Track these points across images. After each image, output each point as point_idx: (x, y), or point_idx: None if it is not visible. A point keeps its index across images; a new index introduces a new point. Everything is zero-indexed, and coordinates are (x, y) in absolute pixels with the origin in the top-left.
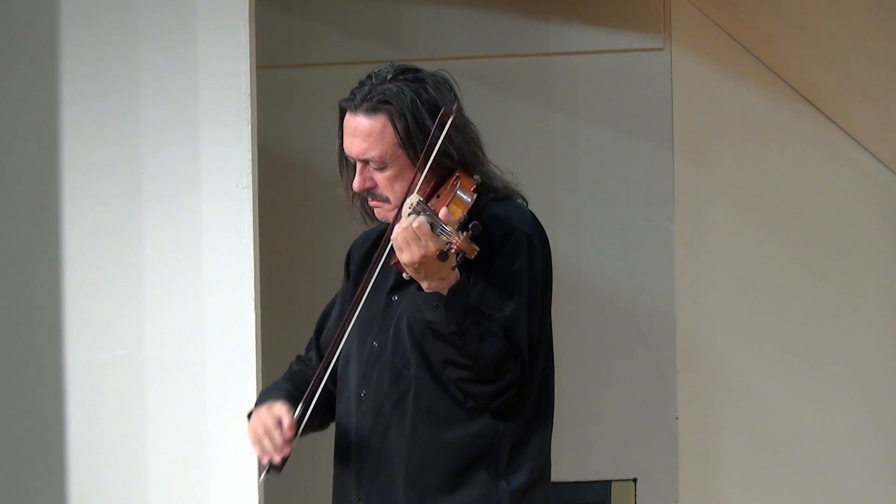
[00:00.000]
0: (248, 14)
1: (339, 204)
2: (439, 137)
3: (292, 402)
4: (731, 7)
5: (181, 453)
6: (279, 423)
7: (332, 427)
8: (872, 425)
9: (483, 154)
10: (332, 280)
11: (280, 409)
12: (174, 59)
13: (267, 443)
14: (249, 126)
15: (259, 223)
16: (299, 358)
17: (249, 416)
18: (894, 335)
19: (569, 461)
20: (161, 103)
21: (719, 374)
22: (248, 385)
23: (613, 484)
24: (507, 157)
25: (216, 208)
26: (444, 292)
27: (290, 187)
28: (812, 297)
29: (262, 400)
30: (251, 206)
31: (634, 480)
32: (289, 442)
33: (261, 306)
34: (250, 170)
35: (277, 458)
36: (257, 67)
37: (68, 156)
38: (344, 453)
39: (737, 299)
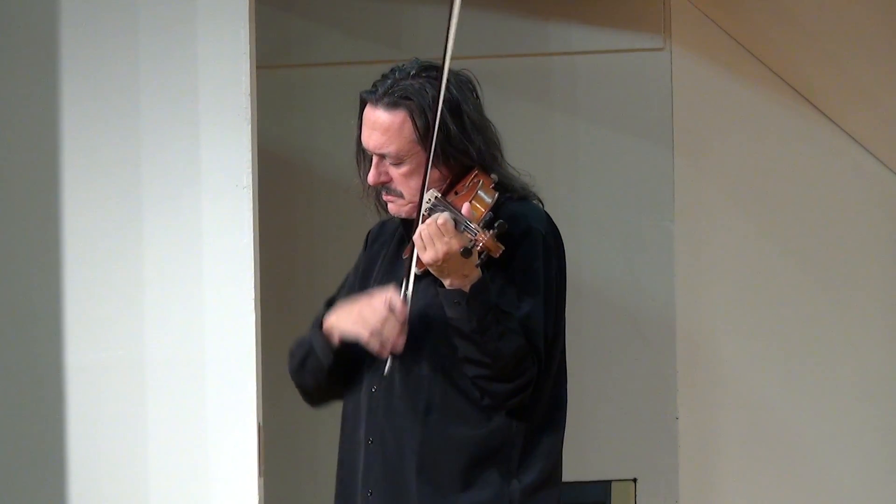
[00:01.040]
0: (248, 14)
1: (339, 204)
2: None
3: None
4: (731, 7)
5: (181, 453)
6: (391, 309)
7: (336, 433)
8: (872, 425)
9: (502, 156)
10: (333, 280)
11: (383, 294)
12: (174, 59)
13: (386, 335)
14: (249, 126)
15: (259, 223)
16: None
17: (319, 325)
18: (894, 335)
19: (569, 461)
20: (161, 103)
21: (719, 374)
22: (248, 385)
23: (613, 484)
24: (508, 157)
25: (216, 208)
26: (466, 289)
27: (290, 187)
28: (812, 297)
29: (317, 328)
30: (251, 206)
31: (634, 480)
32: (405, 324)
33: (261, 306)
34: (250, 170)
35: (400, 347)
36: (257, 67)
37: (68, 156)
38: (352, 449)
39: (737, 299)
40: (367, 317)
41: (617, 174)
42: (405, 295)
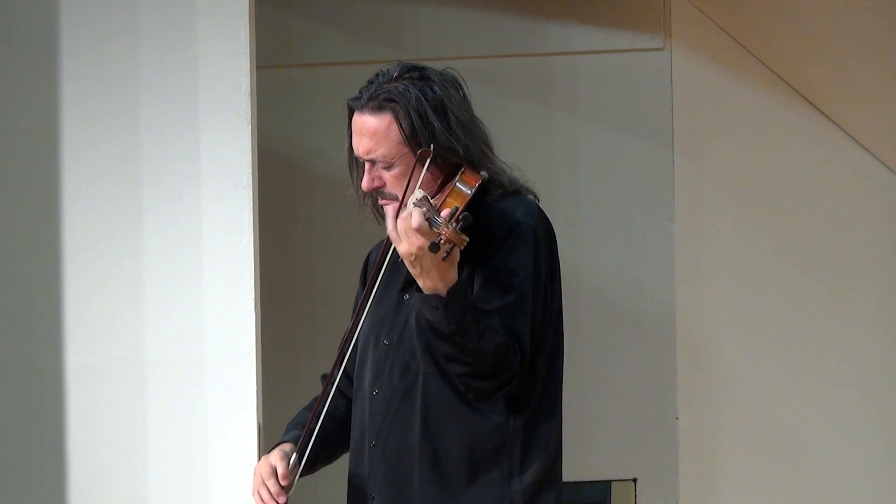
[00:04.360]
0: (248, 14)
1: (339, 204)
2: (420, 173)
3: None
4: (731, 7)
5: (181, 453)
6: (274, 472)
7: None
8: (872, 425)
9: (491, 151)
10: (333, 280)
11: (275, 457)
12: (174, 59)
13: (264, 492)
14: (249, 126)
15: (259, 223)
16: (323, 375)
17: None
18: (894, 335)
19: (569, 461)
20: (161, 103)
21: (719, 374)
22: (248, 385)
23: (613, 484)
24: (507, 156)
25: (216, 208)
26: (444, 294)
27: (290, 187)
28: (812, 296)
29: (285, 431)
30: (251, 206)
31: (634, 480)
32: (285, 489)
33: (261, 306)
34: (250, 170)
35: None
36: (257, 67)
37: (68, 156)
38: (358, 451)
39: (737, 299)
40: (255, 474)
41: (617, 174)
42: (295, 463)
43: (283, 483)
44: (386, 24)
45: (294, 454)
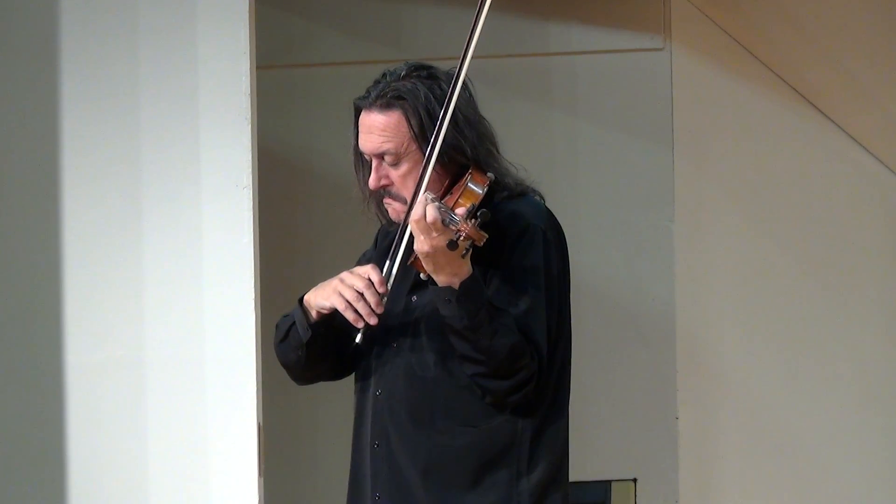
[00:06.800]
0: (248, 14)
1: (339, 204)
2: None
3: None
4: (731, 7)
5: (181, 453)
6: (370, 283)
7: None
8: (872, 425)
9: (497, 151)
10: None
11: (365, 268)
12: (174, 59)
13: (362, 305)
14: (249, 126)
15: (259, 223)
16: None
17: (301, 301)
18: (894, 335)
19: (569, 461)
20: (161, 103)
21: (719, 374)
22: (248, 385)
23: (613, 484)
24: (508, 156)
25: (216, 208)
26: (456, 287)
27: (290, 187)
28: (812, 296)
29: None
30: (251, 206)
31: (634, 480)
32: (382, 299)
33: (261, 306)
34: (250, 170)
35: (375, 320)
36: (257, 67)
37: (68, 156)
38: (360, 452)
39: (737, 299)
40: (344, 289)
41: (617, 174)
42: (388, 271)
43: (380, 290)
44: (386, 24)
45: (385, 264)
